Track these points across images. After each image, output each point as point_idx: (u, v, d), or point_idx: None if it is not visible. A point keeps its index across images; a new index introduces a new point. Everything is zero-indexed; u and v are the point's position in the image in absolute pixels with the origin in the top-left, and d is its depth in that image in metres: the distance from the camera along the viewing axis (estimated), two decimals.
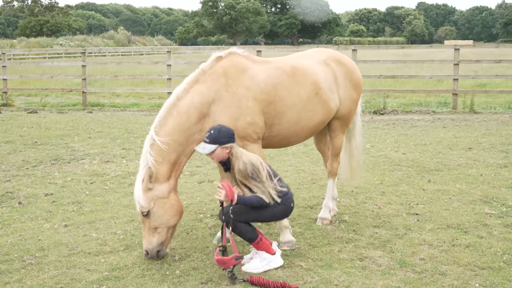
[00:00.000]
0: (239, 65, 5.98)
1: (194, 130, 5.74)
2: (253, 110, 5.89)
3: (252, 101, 5.89)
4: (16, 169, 10.31)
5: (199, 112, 5.72)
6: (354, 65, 7.10)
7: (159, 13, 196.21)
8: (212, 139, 5.39)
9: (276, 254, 5.66)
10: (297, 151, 11.70)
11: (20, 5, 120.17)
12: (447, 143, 12.28)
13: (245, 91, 5.88)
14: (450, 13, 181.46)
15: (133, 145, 12.64)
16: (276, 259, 5.64)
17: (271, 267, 5.58)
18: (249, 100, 5.87)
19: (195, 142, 5.76)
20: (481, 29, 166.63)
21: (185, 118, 5.68)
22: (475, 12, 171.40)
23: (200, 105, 5.72)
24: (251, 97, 5.89)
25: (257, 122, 5.94)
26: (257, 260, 5.62)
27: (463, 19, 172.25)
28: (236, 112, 5.80)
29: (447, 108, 18.84)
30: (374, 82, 24.49)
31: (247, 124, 5.86)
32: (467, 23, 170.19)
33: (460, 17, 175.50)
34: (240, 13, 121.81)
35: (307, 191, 8.60)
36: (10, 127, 15.61)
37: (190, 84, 5.83)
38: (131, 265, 5.77)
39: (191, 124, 5.70)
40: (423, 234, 6.54)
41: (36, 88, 24.87)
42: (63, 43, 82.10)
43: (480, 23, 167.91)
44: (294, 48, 24.23)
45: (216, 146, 5.39)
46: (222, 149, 5.43)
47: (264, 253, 5.60)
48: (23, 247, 6.30)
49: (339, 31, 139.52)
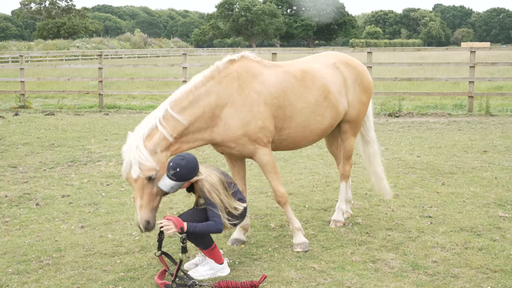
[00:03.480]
0: (251, 70, 6.06)
1: (203, 125, 5.78)
2: (264, 115, 5.97)
3: (263, 105, 5.97)
4: (33, 171, 10.45)
5: (212, 113, 5.79)
6: (364, 68, 7.13)
7: (175, 15, 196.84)
8: (178, 177, 5.32)
9: (224, 264, 5.66)
10: (312, 153, 11.74)
11: (38, 8, 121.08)
12: (462, 146, 12.26)
13: (256, 95, 5.96)
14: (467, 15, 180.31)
15: None
16: (224, 269, 5.65)
17: (217, 276, 5.60)
18: (260, 105, 5.95)
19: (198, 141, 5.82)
20: (498, 31, 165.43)
21: (200, 112, 5.73)
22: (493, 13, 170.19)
23: (215, 106, 5.79)
24: (262, 102, 5.97)
25: (268, 126, 6.02)
26: (204, 268, 5.61)
27: (481, 21, 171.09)
28: (247, 116, 5.87)
29: (462, 110, 18.78)
30: (390, 85, 24.45)
31: (258, 128, 5.93)
32: (484, 25, 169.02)
33: (477, 18, 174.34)
34: (256, 15, 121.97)
35: (321, 194, 8.65)
36: (27, 129, 15.80)
37: (207, 79, 5.87)
38: (147, 266, 5.86)
39: (203, 120, 5.75)
40: (436, 237, 6.57)
41: (53, 90, 25.11)
42: (80, 45, 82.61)
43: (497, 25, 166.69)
44: (309, 50, 24.26)
45: (183, 183, 5.40)
46: (188, 182, 5.46)
47: (213, 262, 5.59)
48: (41, 248, 6.41)
49: (355, 33, 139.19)
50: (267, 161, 6.09)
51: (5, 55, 39.04)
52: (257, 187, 9.04)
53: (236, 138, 5.85)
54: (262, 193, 8.71)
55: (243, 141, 5.90)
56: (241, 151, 5.99)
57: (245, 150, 5.99)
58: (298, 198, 8.42)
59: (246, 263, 5.92)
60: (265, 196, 8.57)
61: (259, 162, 6.13)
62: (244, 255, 6.14)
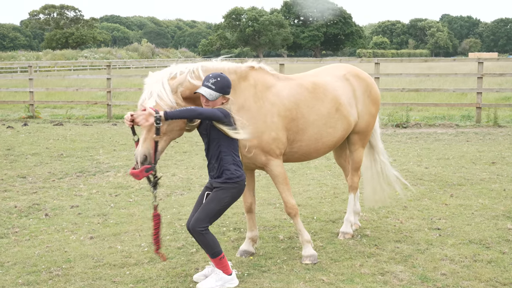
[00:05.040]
0: (266, 81, 6.13)
1: None
2: (278, 126, 6.01)
3: (277, 117, 6.01)
4: (42, 181, 10.50)
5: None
6: (372, 80, 7.19)
7: (183, 25, 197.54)
8: (218, 88, 5.37)
9: (232, 275, 5.64)
10: (320, 164, 11.75)
11: (46, 18, 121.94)
12: (470, 157, 12.24)
13: (270, 106, 6.00)
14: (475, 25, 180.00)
15: None
16: (232, 280, 5.63)
17: (226, 287, 5.60)
18: (274, 116, 5.99)
19: None
20: (506, 41, 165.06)
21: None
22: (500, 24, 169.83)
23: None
24: (276, 113, 6.02)
25: (281, 137, 6.05)
26: (213, 279, 5.57)
27: (488, 31, 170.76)
28: (262, 126, 5.91)
29: (470, 121, 18.75)
30: (397, 95, 24.45)
31: (271, 140, 5.97)
32: (492, 35, 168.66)
33: (484, 29, 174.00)
34: (263, 26, 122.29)
35: (329, 205, 8.65)
36: (36, 139, 15.88)
37: (230, 71, 5.89)
38: (156, 277, 5.87)
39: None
40: (445, 249, 6.56)
41: (62, 100, 25.25)
42: (88, 55, 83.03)
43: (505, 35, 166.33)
44: (317, 61, 24.31)
45: (220, 94, 5.42)
46: (222, 98, 5.45)
47: (221, 272, 5.57)
48: (50, 259, 6.44)
49: (362, 43, 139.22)
50: (279, 172, 6.11)
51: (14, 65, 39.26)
52: (265, 199, 9.06)
53: (249, 146, 5.86)
54: (270, 205, 8.72)
55: (255, 151, 5.92)
56: (252, 160, 6.00)
57: (257, 160, 6.01)
58: (307, 209, 8.42)
59: (255, 275, 5.93)
60: (273, 207, 8.57)
61: (270, 174, 6.15)
62: (253, 266, 6.15)
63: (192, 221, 5.48)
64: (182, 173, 11.12)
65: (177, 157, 12.82)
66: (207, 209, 5.48)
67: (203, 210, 5.48)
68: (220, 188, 5.51)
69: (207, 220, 5.46)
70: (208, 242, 5.48)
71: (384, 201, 7.75)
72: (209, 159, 5.62)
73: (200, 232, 5.43)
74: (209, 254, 5.56)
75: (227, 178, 5.49)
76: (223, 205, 5.53)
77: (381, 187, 7.56)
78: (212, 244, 5.50)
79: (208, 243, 5.49)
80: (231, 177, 5.49)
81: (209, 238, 5.48)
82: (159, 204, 5.71)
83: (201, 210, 5.50)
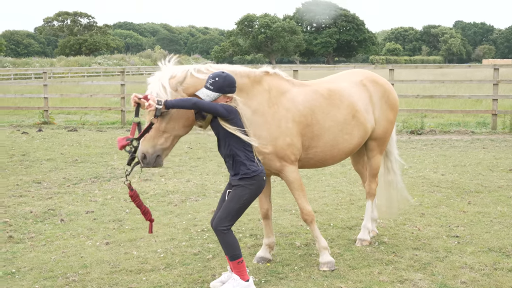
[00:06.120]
0: (281, 86, 6.08)
1: None
2: (292, 132, 5.96)
3: (291, 122, 5.96)
4: (57, 187, 10.51)
5: None
6: (390, 86, 7.13)
7: (195, 32, 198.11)
8: (217, 88, 5.37)
9: (250, 281, 5.56)
10: (335, 171, 11.68)
11: (60, 25, 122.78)
12: (487, 164, 12.13)
13: (285, 112, 5.96)
14: (489, 32, 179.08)
15: (171, 163, 12.76)
16: (249, 286, 5.55)
17: None
18: (288, 121, 5.95)
19: None
20: None
21: None
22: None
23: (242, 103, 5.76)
24: (291, 119, 5.97)
25: (296, 143, 6.00)
26: (231, 285, 5.51)
27: (502, 38, 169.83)
28: (276, 132, 5.86)
29: (486, 128, 18.60)
30: (411, 102, 24.33)
31: (286, 145, 5.92)
32: (506, 42, 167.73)
33: (499, 35, 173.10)
34: (276, 32, 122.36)
35: (345, 212, 8.58)
36: (51, 145, 15.92)
37: (242, 75, 5.87)
38: (172, 283, 5.83)
39: None
40: (464, 257, 6.47)
41: (76, 106, 25.35)
42: (101, 62, 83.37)
43: None
44: (330, 67, 24.24)
45: (219, 94, 5.40)
46: (224, 98, 5.43)
47: (238, 278, 5.51)
48: (66, 264, 6.42)
49: (375, 50, 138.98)
50: (294, 178, 6.06)
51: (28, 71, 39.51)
52: (281, 205, 9.00)
53: (264, 152, 5.82)
54: (286, 211, 8.66)
55: (270, 157, 5.88)
56: (267, 166, 5.96)
57: (271, 166, 5.96)
58: (323, 216, 8.36)
59: (272, 281, 5.88)
60: (289, 214, 8.52)
61: (285, 180, 6.10)
62: (270, 273, 6.10)
63: (215, 220, 5.50)
64: (197, 179, 11.09)
65: (191, 163, 12.80)
66: (228, 207, 5.47)
67: (224, 209, 5.48)
68: (239, 186, 5.48)
69: (229, 219, 5.44)
70: (228, 242, 5.45)
71: (392, 214, 7.71)
72: (224, 158, 5.62)
73: (222, 231, 5.42)
74: (228, 255, 5.51)
75: (243, 174, 5.45)
76: (242, 203, 5.48)
77: (390, 198, 7.51)
78: (232, 246, 5.46)
79: (228, 244, 5.45)
80: (247, 172, 5.44)
81: (230, 238, 5.45)
82: (130, 181, 5.80)
83: (222, 209, 5.50)
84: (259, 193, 5.58)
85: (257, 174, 5.47)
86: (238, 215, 5.53)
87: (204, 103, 5.30)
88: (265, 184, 5.64)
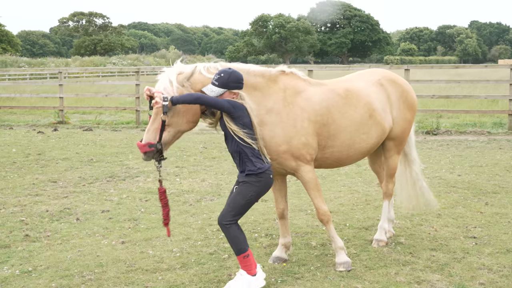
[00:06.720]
0: (296, 86, 6.04)
1: None
2: (308, 131, 5.92)
3: (307, 122, 5.92)
4: (73, 186, 10.55)
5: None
6: (409, 86, 7.07)
7: (210, 32, 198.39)
8: (221, 83, 5.38)
9: (257, 274, 5.54)
10: (350, 171, 11.62)
11: (75, 25, 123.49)
12: (504, 165, 12.02)
13: (300, 111, 5.92)
14: (505, 32, 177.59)
15: (186, 163, 12.77)
16: (257, 281, 5.53)
17: None
18: (304, 121, 5.90)
19: None
20: None
21: None
22: None
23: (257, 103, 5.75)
24: (306, 118, 5.92)
25: (311, 143, 5.96)
26: (240, 282, 5.47)
27: None
28: (291, 131, 5.83)
29: (502, 128, 18.45)
30: (427, 102, 24.19)
31: (301, 145, 5.88)
32: None
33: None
34: (290, 32, 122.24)
35: (361, 212, 8.54)
36: (66, 144, 15.99)
37: (257, 73, 5.88)
38: (188, 283, 5.82)
39: None
40: (482, 258, 6.41)
41: (91, 106, 25.46)
42: (116, 62, 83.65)
43: None
44: (345, 67, 24.16)
45: (224, 90, 5.41)
46: (229, 94, 5.44)
47: (245, 273, 5.48)
48: (83, 263, 6.43)
49: (390, 50, 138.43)
50: (310, 178, 6.02)
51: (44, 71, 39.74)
52: (297, 205, 8.97)
53: (279, 151, 5.79)
54: (301, 211, 8.63)
55: (285, 156, 5.84)
56: (282, 166, 5.93)
57: (287, 165, 5.93)
58: (339, 216, 8.32)
59: (288, 281, 5.85)
60: (305, 214, 8.49)
61: (301, 179, 6.07)
62: (286, 273, 6.07)
63: (220, 214, 5.51)
64: (212, 178, 11.08)
65: (206, 163, 12.80)
66: (233, 203, 5.47)
67: (229, 204, 5.49)
68: (245, 182, 5.47)
69: (233, 214, 5.43)
70: (232, 236, 5.43)
71: (420, 209, 7.63)
72: (231, 154, 5.62)
73: (225, 226, 5.42)
74: (234, 250, 5.51)
75: (249, 170, 5.44)
76: (248, 200, 5.47)
77: (415, 194, 7.44)
78: (236, 240, 5.44)
79: (232, 238, 5.44)
80: (252, 169, 5.43)
81: (234, 232, 5.43)
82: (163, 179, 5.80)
83: (227, 204, 5.51)
84: (266, 190, 5.57)
85: (263, 171, 5.46)
86: (243, 211, 5.53)
87: (208, 98, 5.32)
88: (272, 182, 5.64)
